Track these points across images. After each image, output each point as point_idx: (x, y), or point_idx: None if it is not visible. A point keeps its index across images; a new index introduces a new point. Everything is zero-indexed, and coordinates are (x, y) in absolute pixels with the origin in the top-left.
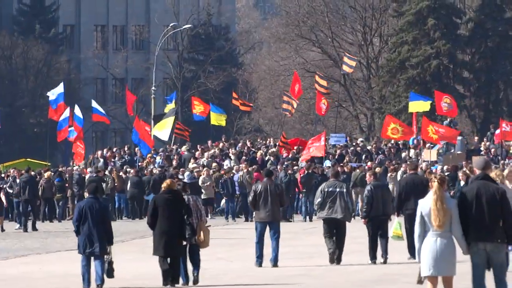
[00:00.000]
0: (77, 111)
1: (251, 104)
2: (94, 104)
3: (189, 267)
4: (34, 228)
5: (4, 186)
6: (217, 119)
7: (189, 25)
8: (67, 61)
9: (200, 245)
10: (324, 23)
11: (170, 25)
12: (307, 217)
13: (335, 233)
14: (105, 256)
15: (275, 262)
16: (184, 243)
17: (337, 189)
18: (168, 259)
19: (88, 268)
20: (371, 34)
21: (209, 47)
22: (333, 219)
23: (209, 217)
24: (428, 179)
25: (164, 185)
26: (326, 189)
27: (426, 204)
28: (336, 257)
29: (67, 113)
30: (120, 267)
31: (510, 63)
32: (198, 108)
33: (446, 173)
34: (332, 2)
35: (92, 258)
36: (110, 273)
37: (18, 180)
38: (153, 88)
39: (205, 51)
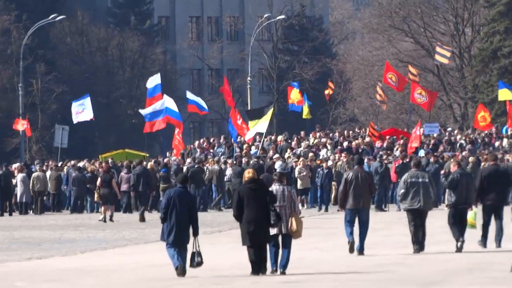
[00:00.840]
0: (171, 103)
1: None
2: (189, 95)
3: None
4: (142, 219)
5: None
6: (306, 112)
7: (283, 16)
8: (162, 52)
9: (293, 236)
10: (416, 14)
11: (264, 16)
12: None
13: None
14: (194, 246)
15: (361, 250)
16: (274, 231)
17: (420, 179)
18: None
19: (174, 254)
20: (463, 24)
21: (303, 37)
22: (416, 209)
23: (305, 207)
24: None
25: (246, 175)
26: (409, 180)
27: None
28: (419, 246)
29: (157, 105)
30: (217, 258)
31: None
32: (294, 97)
33: None
34: None
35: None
36: (193, 263)
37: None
38: (248, 78)
39: (299, 41)
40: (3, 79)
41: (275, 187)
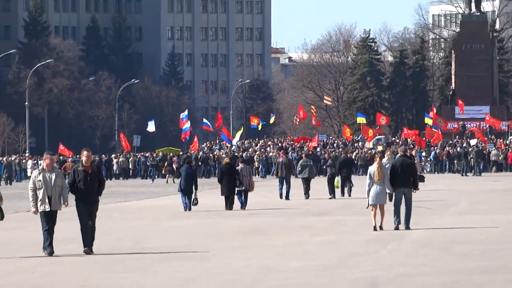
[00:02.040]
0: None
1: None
2: (204, 120)
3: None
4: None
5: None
6: (260, 128)
7: (248, 80)
8: (187, 99)
9: (250, 190)
10: (316, 79)
11: (239, 80)
12: None
13: None
14: (192, 195)
15: (287, 196)
16: (241, 188)
17: (308, 163)
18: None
19: (184, 199)
20: (339, 84)
21: (259, 90)
22: (305, 178)
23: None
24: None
25: (225, 160)
26: (302, 163)
27: (372, 168)
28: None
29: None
30: (210, 201)
31: (407, 100)
32: (254, 121)
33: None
34: (320, 69)
35: (187, 196)
36: (195, 203)
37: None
38: (231, 111)
39: (257, 93)
40: (107, 113)
41: (241, 166)
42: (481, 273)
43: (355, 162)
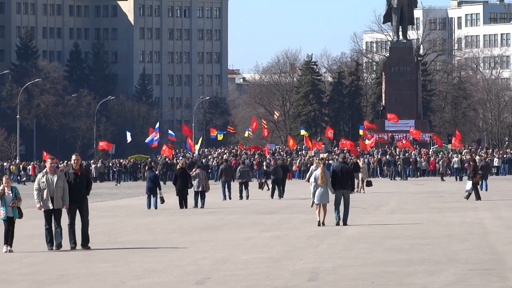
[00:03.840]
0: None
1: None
2: (170, 132)
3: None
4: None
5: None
6: (221, 138)
7: (208, 97)
8: (156, 113)
9: (206, 191)
10: (266, 97)
11: (200, 97)
12: None
13: None
14: (158, 195)
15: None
16: (199, 189)
17: (246, 168)
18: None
19: (149, 199)
20: (285, 100)
21: (217, 106)
22: (243, 182)
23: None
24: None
25: (179, 165)
26: (240, 168)
27: (317, 173)
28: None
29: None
30: (170, 200)
31: (345, 115)
32: (214, 133)
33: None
34: (270, 88)
35: (151, 196)
36: (161, 201)
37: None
38: (193, 124)
39: (215, 109)
40: (87, 125)
41: (198, 171)
42: (409, 264)
43: (289, 168)
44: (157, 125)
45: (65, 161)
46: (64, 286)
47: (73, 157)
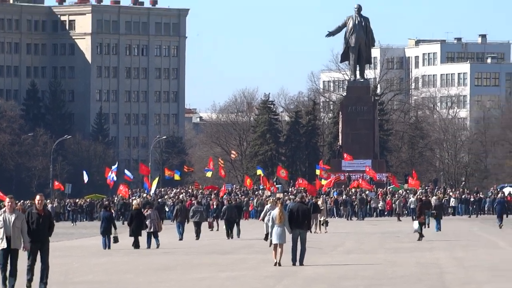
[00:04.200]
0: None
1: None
2: (126, 172)
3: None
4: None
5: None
6: (177, 178)
7: (164, 137)
8: (113, 152)
9: (158, 231)
10: (223, 136)
11: (157, 136)
12: None
13: None
14: (112, 235)
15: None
16: (151, 230)
17: (199, 208)
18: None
19: (104, 239)
20: (242, 139)
21: (174, 146)
22: (196, 222)
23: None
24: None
25: (134, 206)
26: (193, 208)
27: (275, 212)
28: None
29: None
30: (125, 242)
31: (301, 154)
32: (169, 173)
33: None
34: (227, 128)
35: (106, 236)
36: (115, 241)
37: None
38: (149, 163)
39: (172, 148)
40: (43, 164)
41: (150, 211)
42: None
43: (243, 208)
44: (116, 165)
45: (21, 201)
46: None
47: (37, 197)
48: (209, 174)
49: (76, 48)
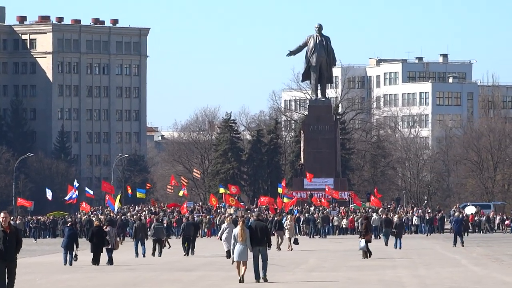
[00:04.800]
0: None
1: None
2: (87, 189)
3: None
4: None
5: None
6: (141, 195)
7: (126, 155)
8: (75, 170)
9: (115, 248)
10: (185, 155)
11: (119, 154)
12: None
13: None
14: (74, 252)
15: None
16: (107, 247)
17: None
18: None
19: (65, 255)
20: (204, 158)
21: (136, 164)
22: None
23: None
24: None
25: (95, 223)
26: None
27: (236, 230)
28: None
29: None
30: (86, 258)
31: (263, 173)
32: (136, 193)
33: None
34: (188, 146)
35: (68, 252)
36: (75, 259)
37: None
38: (112, 181)
39: (134, 166)
40: (6, 182)
41: (108, 228)
42: None
43: (199, 226)
44: (75, 183)
45: None
46: None
47: (2, 214)
48: (181, 193)
49: (37, 66)
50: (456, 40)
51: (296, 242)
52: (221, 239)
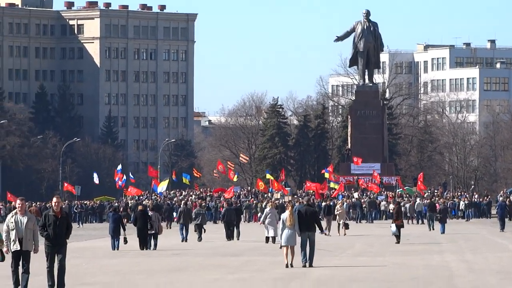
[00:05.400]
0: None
1: None
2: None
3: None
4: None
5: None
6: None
7: (173, 139)
8: (121, 155)
9: (159, 233)
10: (232, 139)
11: (166, 139)
12: None
13: None
14: (121, 236)
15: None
16: (152, 232)
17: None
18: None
19: (113, 241)
20: (251, 143)
21: (183, 149)
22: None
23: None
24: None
25: (139, 207)
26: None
27: (285, 215)
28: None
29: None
30: (134, 243)
31: (310, 158)
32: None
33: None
34: (235, 131)
35: (115, 238)
36: (125, 242)
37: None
38: (159, 166)
39: (181, 151)
40: (53, 166)
41: (151, 213)
42: None
43: (242, 211)
44: (119, 167)
45: (37, 203)
46: None
47: (54, 199)
48: (235, 178)
49: (84, 52)
50: (504, 26)
51: (347, 226)
52: (263, 223)
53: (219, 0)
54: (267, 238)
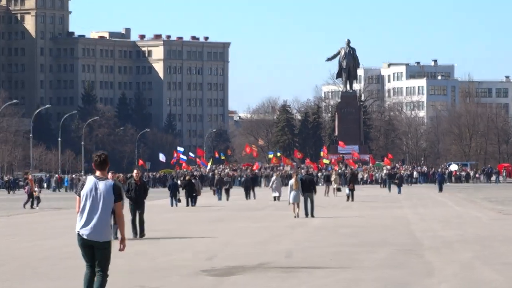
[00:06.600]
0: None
1: None
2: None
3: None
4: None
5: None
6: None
7: (214, 130)
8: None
9: (198, 195)
10: (255, 129)
11: (213, 130)
12: None
13: None
14: (177, 197)
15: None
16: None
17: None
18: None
19: (171, 200)
20: (268, 132)
21: (222, 139)
22: None
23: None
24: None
25: (187, 177)
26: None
27: (292, 181)
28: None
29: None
30: (184, 202)
31: (309, 142)
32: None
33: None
34: (257, 123)
35: (173, 198)
36: (178, 201)
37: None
38: (204, 148)
39: (222, 143)
40: (131, 149)
41: (194, 181)
42: (355, 246)
43: (257, 179)
44: (179, 148)
45: (124, 173)
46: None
47: (135, 171)
48: (270, 156)
49: (152, 69)
50: (444, 49)
51: (339, 190)
52: (272, 188)
53: (247, 33)
54: (275, 198)
